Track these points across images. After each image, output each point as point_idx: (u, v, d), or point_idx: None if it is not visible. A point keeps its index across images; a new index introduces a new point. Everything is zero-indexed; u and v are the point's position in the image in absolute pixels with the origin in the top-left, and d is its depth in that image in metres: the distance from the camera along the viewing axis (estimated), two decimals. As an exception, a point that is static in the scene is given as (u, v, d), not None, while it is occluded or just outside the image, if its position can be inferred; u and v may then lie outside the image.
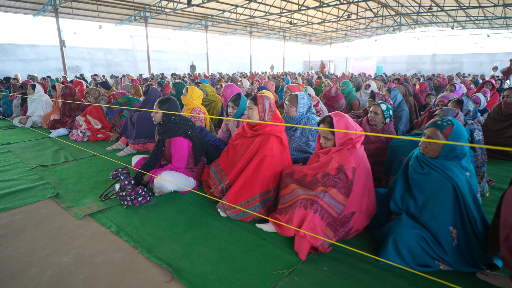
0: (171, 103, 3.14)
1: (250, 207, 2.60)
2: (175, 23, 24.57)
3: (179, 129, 3.06)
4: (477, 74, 22.45)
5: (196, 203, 2.98)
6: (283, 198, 2.51)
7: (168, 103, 3.13)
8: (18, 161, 4.33)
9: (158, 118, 3.11)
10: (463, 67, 34.16)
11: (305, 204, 2.15)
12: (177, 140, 3.04)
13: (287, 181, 2.55)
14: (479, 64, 33.57)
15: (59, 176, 3.74)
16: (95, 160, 4.34)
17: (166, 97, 3.18)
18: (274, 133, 2.81)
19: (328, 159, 2.31)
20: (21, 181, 3.57)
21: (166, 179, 2.91)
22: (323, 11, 24.54)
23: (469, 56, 34.47)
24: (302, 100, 3.49)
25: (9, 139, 5.63)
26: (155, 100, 4.76)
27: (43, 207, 2.92)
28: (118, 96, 5.17)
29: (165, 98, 3.16)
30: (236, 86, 5.15)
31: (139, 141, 4.63)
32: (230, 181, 2.83)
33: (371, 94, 4.26)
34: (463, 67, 34.27)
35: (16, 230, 2.52)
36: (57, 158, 4.47)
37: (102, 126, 5.61)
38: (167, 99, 3.14)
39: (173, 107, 3.14)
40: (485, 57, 33.49)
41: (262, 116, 2.93)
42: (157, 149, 3.13)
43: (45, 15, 18.22)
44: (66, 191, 3.28)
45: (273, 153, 2.75)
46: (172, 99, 3.15)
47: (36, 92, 6.72)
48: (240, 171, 2.82)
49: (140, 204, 2.91)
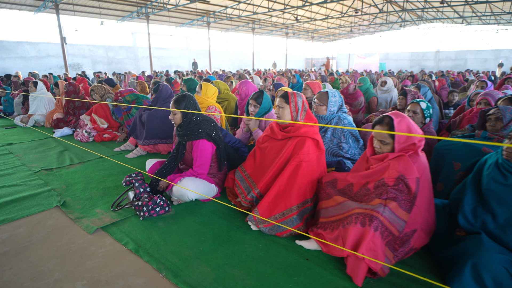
0: (188, 101, 2.80)
1: (286, 221, 2.28)
2: (177, 20, 24.21)
3: (202, 130, 2.73)
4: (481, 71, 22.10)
5: (220, 213, 2.65)
6: (326, 211, 2.18)
7: (185, 100, 2.79)
8: (20, 163, 4.01)
9: (178, 120, 2.78)
10: (467, 64, 33.71)
11: (362, 220, 1.82)
12: (200, 143, 2.71)
13: (330, 191, 2.22)
14: (484, 61, 33.13)
15: (65, 181, 3.42)
16: (103, 163, 4.02)
17: (181, 94, 2.83)
18: (310, 135, 2.49)
19: (383, 167, 1.99)
20: (24, 187, 3.25)
21: (188, 187, 2.59)
22: (327, 7, 24.16)
23: (474, 53, 34.01)
24: (333, 98, 3.17)
25: (10, 139, 5.30)
26: (166, 98, 4.47)
27: (49, 218, 2.60)
28: (126, 94, 4.84)
29: (181, 96, 2.81)
30: (252, 83, 4.82)
31: (150, 142, 4.30)
32: (261, 190, 2.51)
33: (402, 92, 3.93)
34: (467, 63, 33.82)
35: (19, 246, 2.20)
36: (62, 160, 4.15)
37: (109, 126, 5.29)
38: (182, 97, 2.80)
39: (191, 104, 2.80)
40: (490, 54, 33.04)
41: (294, 116, 2.61)
42: (176, 153, 2.81)
43: (45, 11, 17.85)
44: (74, 199, 2.96)
45: (310, 158, 2.43)
46: (188, 95, 2.82)
47: (38, 90, 6.38)
48: (272, 178, 2.50)
49: (158, 215, 2.59)
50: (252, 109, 3.43)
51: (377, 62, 29.29)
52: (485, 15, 23.01)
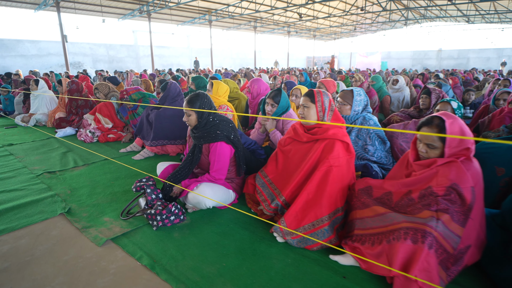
0: (203, 100, 2.56)
1: (317, 232, 2.06)
2: (179, 18, 23.98)
3: (220, 132, 2.50)
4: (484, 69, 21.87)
5: (241, 222, 2.43)
6: (361, 222, 1.97)
7: (199, 100, 2.55)
8: (21, 166, 3.79)
9: (192, 121, 2.56)
10: (470, 63, 33.44)
11: (413, 236, 1.60)
12: (218, 145, 2.49)
13: (366, 200, 2.01)
14: (486, 60, 32.86)
15: (69, 185, 3.20)
16: (109, 165, 3.80)
17: (194, 93, 2.60)
18: (339, 137, 2.27)
19: (430, 174, 1.77)
20: (25, 192, 3.03)
21: (205, 194, 2.37)
22: (329, 5, 23.92)
23: (476, 52, 33.73)
24: (359, 96, 2.94)
25: (11, 139, 5.08)
26: (175, 97, 4.25)
27: (54, 228, 2.38)
28: (132, 92, 4.62)
29: (194, 95, 2.58)
30: (264, 81, 4.60)
31: (158, 143, 4.08)
32: (287, 197, 2.29)
33: (425, 90, 3.71)
34: (469, 62, 33.55)
35: (21, 261, 1.98)
36: (65, 162, 3.93)
37: (113, 125, 5.07)
38: (196, 96, 2.56)
39: (206, 104, 2.57)
40: (492, 53, 32.78)
41: (321, 116, 2.39)
42: (192, 156, 2.58)
43: (46, 9, 17.61)
44: (80, 206, 2.74)
45: (340, 162, 2.21)
46: (202, 94, 2.59)
47: (40, 88, 6.16)
48: (298, 185, 2.28)
49: (172, 225, 2.37)
50: (269, 108, 3.21)
51: (379, 61, 29.03)
52: (489, 13, 22.74)
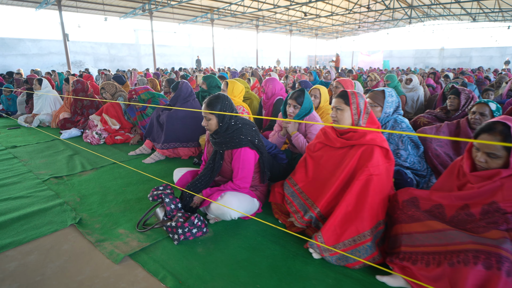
0: (224, 102, 2.34)
1: (358, 249, 1.86)
2: (180, 17, 23.78)
3: (244, 137, 2.30)
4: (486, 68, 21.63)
5: (269, 235, 2.23)
6: (410, 237, 1.76)
7: (220, 102, 2.33)
8: (26, 170, 3.59)
9: (213, 126, 2.34)
10: (472, 62, 33.20)
11: (485, 260, 1.40)
12: (242, 151, 2.28)
13: (415, 213, 1.80)
14: (489, 58, 32.60)
15: (78, 192, 3.00)
16: (118, 169, 3.60)
17: (214, 95, 2.38)
18: (378, 143, 2.06)
19: (494, 187, 1.57)
20: (32, 199, 2.83)
21: (231, 204, 2.16)
22: (332, 4, 23.71)
23: (479, 50, 33.48)
24: (390, 98, 2.74)
25: (14, 141, 4.88)
26: (187, 97, 4.04)
27: (65, 241, 2.18)
28: (141, 92, 4.42)
29: (214, 97, 2.36)
30: (279, 81, 4.39)
31: (169, 146, 3.88)
32: (322, 209, 2.09)
33: (454, 91, 3.50)
34: (472, 61, 33.31)
35: (31, 282, 1.78)
36: (72, 166, 3.73)
37: (121, 127, 4.87)
38: (216, 98, 2.34)
39: (227, 106, 2.36)
40: (495, 51, 32.53)
41: (356, 120, 2.18)
42: (213, 164, 2.38)
43: (47, 8, 17.41)
44: (91, 215, 2.54)
45: (380, 170, 2.01)
46: (222, 96, 2.37)
47: (43, 88, 5.96)
48: (334, 195, 2.08)
49: (194, 238, 2.17)
50: (291, 110, 3.00)
51: (381, 60, 28.81)
52: (494, 11, 22.51)
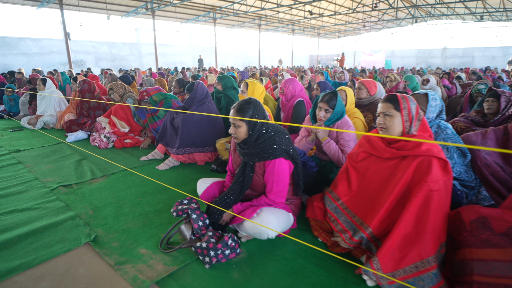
0: (256, 108, 2.08)
1: (422, 277, 1.61)
2: (183, 16, 23.55)
3: (278, 147, 2.04)
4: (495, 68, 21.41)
5: (310, 256, 1.98)
6: (485, 266, 1.52)
7: (251, 108, 2.06)
8: (32, 177, 3.34)
9: (242, 134, 2.08)
10: (475, 61, 33.01)
11: None
12: (276, 163, 2.03)
13: (490, 237, 1.56)
14: (492, 58, 32.41)
15: (90, 203, 2.75)
16: (131, 176, 3.35)
17: (244, 100, 2.11)
18: (435, 153, 1.82)
19: None
20: (40, 212, 2.58)
21: (270, 223, 1.91)
22: (336, 3, 23.51)
23: (481, 50, 33.27)
24: (434, 101, 2.49)
25: (18, 144, 4.63)
26: (202, 99, 3.79)
27: (80, 264, 1.93)
28: (153, 93, 4.17)
29: (245, 102, 2.08)
30: (298, 82, 4.14)
31: (185, 151, 3.63)
32: (375, 229, 1.84)
33: (493, 93, 3.24)
34: (474, 61, 33.12)
35: (45, 315, 1.54)
36: (81, 173, 3.48)
37: (130, 129, 4.62)
38: (247, 103, 2.07)
39: (260, 113, 2.10)
40: (498, 51, 32.34)
41: (407, 127, 1.94)
42: (242, 177, 2.12)
43: (48, 6, 17.14)
44: (107, 231, 2.29)
45: (440, 185, 1.76)
46: (254, 100, 2.11)
47: (47, 88, 5.71)
48: (387, 213, 1.83)
49: (227, 260, 1.92)
50: (322, 114, 2.75)
51: (382, 60, 28.60)
52: (499, 10, 22.27)
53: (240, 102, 2.07)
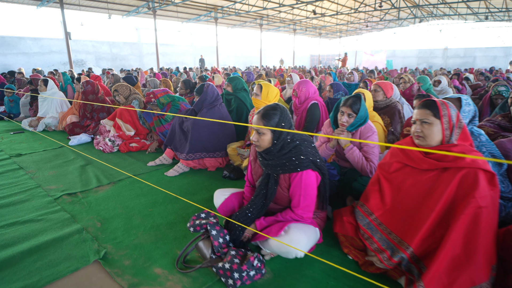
0: (283, 115, 1.90)
1: (475, 306, 1.45)
2: (184, 15, 23.39)
3: (305, 157, 1.86)
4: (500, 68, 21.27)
5: (341, 277, 1.80)
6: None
7: (277, 114, 1.88)
8: (34, 184, 3.17)
9: (265, 143, 1.89)
10: (476, 61, 32.87)
11: None
12: (303, 175, 1.85)
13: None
14: (493, 58, 32.27)
15: (97, 214, 2.58)
16: (139, 183, 3.18)
17: (270, 105, 1.92)
18: (480, 165, 1.65)
19: None
20: (44, 224, 2.41)
21: (299, 242, 1.74)
22: (338, 3, 23.36)
23: (483, 50, 33.13)
24: (467, 106, 2.32)
25: (18, 148, 4.46)
26: (213, 101, 3.62)
27: (90, 286, 1.76)
28: (160, 95, 3.99)
29: (271, 108, 1.90)
30: (312, 83, 3.97)
31: (195, 156, 3.46)
32: (416, 249, 1.66)
33: (521, 95, 3.08)
34: (476, 61, 32.97)
35: None
36: (86, 180, 3.30)
37: (135, 133, 4.44)
38: (273, 109, 1.89)
39: (287, 120, 1.91)
40: (500, 51, 32.20)
41: (447, 136, 1.77)
42: (265, 190, 1.95)
43: (49, 6, 16.95)
44: (117, 247, 2.12)
45: (488, 201, 1.59)
46: (281, 107, 1.93)
47: (49, 89, 5.53)
48: (430, 232, 1.66)
49: (252, 282, 1.75)
50: (344, 119, 2.58)
51: (383, 60, 28.45)
52: (501, 10, 22.13)
53: (266, 108, 1.90)
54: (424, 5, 22.10)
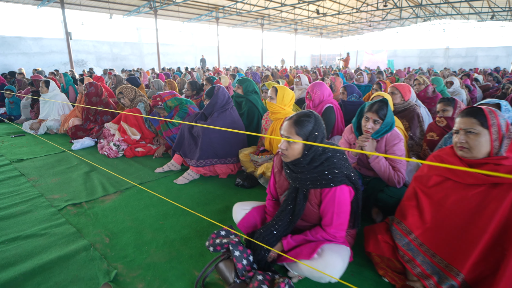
0: (318, 123, 1.71)
1: None
2: (185, 15, 23.22)
3: (339, 171, 1.68)
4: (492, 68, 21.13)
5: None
6: None
7: (311, 122, 1.69)
8: (36, 193, 2.99)
9: (295, 153, 1.71)
10: (478, 61, 32.75)
11: None
12: (337, 191, 1.67)
13: None
14: (495, 58, 32.16)
15: (104, 227, 2.40)
16: (148, 192, 3.00)
17: (304, 112, 1.73)
18: (539, 180, 1.47)
19: None
20: (48, 239, 2.23)
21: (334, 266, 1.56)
22: (340, 3, 23.20)
23: (484, 50, 33.00)
24: (507, 113, 2.16)
25: (19, 153, 4.28)
26: (224, 104, 3.44)
27: (100, 313, 1.59)
28: (167, 98, 3.81)
29: (304, 115, 1.70)
30: (327, 86, 3.79)
31: (206, 163, 3.28)
32: (467, 276, 1.49)
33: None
34: (477, 61, 32.86)
35: None
36: (91, 188, 3.12)
37: (141, 137, 4.27)
38: (307, 116, 1.70)
39: (321, 130, 1.73)
40: (501, 51, 32.09)
41: (496, 147, 1.59)
42: (293, 206, 1.77)
43: (49, 5, 16.76)
44: (128, 267, 1.94)
45: (548, 221, 1.42)
46: (315, 114, 1.74)
47: (51, 91, 5.34)
48: (483, 256, 1.48)
49: (281, 310, 1.57)
50: (370, 125, 2.40)
51: (385, 59, 28.27)
52: (505, 10, 21.96)
53: (298, 114, 1.71)
54: (426, 5, 21.92)
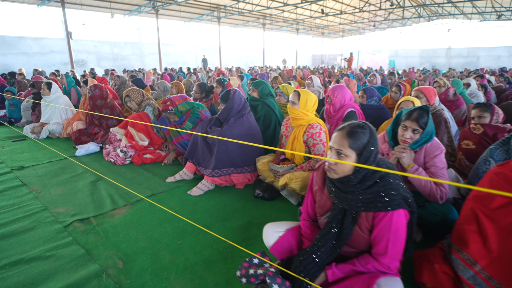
0: (373, 137, 1.48)
1: None
2: (186, 14, 23.02)
3: (396, 193, 1.46)
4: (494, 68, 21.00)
5: None
6: None
7: (367, 134, 1.46)
8: (40, 206, 2.76)
9: (346, 168, 1.48)
10: (480, 61, 32.57)
11: None
12: (393, 216, 1.44)
13: None
14: (497, 58, 31.99)
15: (116, 248, 2.17)
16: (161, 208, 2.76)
17: (357, 123, 1.49)
18: None
19: None
20: (54, 263, 1.99)
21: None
22: (342, 2, 22.99)
23: (486, 50, 32.82)
24: None
25: (20, 159, 4.04)
26: (240, 109, 3.21)
27: None
28: (178, 102, 3.58)
29: (358, 126, 1.47)
30: (348, 89, 3.56)
31: (222, 172, 3.05)
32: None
33: None
34: (479, 61, 32.68)
35: None
36: (99, 201, 2.89)
37: (149, 142, 4.04)
38: (361, 127, 1.47)
39: (375, 143, 1.49)
40: (503, 51, 31.91)
41: None
42: (339, 230, 1.54)
43: (50, 5, 16.52)
44: (146, 297, 1.71)
45: None
46: (369, 125, 1.50)
47: (53, 93, 5.11)
48: None
49: None
50: (409, 135, 2.17)
51: (386, 59, 28.08)
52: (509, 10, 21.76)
53: (351, 125, 1.47)
54: (429, 4, 21.71)
